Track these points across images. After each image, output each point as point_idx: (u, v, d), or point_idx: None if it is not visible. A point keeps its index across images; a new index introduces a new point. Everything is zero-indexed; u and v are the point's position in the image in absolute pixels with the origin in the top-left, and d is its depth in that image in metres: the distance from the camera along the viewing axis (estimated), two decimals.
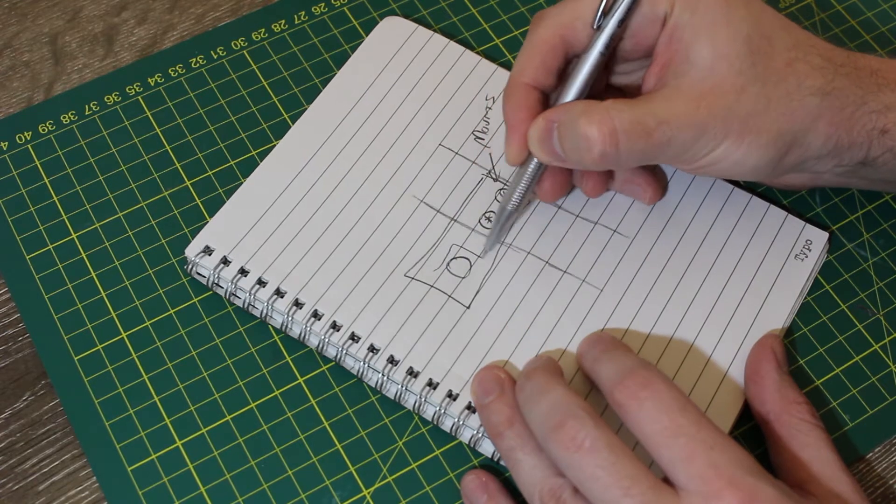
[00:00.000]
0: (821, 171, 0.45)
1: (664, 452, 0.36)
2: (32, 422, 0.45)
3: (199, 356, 0.46)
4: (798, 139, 0.42)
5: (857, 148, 0.43)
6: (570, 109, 0.42)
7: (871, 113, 0.43)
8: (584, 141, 0.41)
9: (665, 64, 0.43)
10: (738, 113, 0.41)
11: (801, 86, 0.42)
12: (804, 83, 0.42)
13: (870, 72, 0.43)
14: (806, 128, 0.42)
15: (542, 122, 0.43)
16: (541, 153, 0.44)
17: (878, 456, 0.45)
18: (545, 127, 0.43)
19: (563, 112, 0.43)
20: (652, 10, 0.43)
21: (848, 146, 0.43)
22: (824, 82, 0.42)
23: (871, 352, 0.47)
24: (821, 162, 0.44)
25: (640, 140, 0.41)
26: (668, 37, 0.43)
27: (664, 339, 0.46)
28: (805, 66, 0.42)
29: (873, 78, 0.43)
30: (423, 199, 0.49)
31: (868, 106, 0.43)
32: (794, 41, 0.43)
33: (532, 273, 0.47)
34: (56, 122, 0.52)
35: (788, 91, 0.42)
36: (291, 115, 0.52)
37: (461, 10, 0.56)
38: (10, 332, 0.47)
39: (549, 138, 0.43)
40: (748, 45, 0.42)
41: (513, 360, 0.45)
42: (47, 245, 0.48)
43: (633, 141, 0.41)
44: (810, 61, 0.42)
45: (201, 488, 0.43)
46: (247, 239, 0.47)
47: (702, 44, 0.42)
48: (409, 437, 0.45)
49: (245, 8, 0.56)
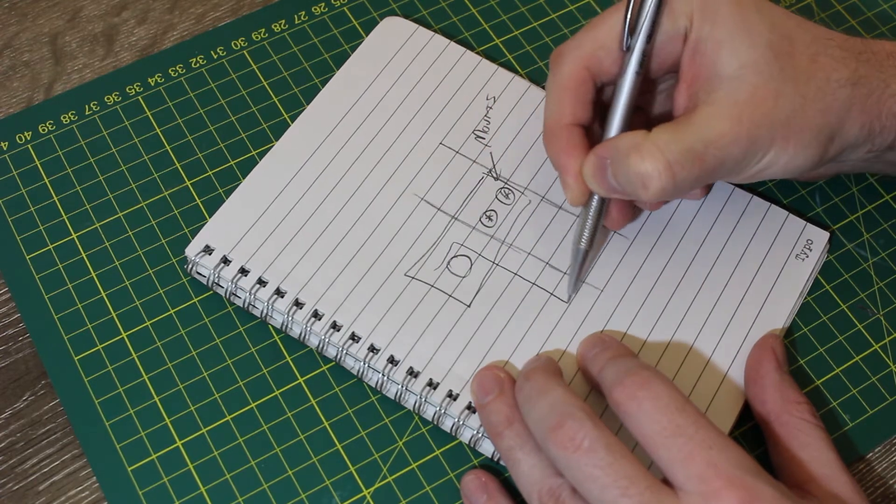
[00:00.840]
0: (852, 159, 0.45)
1: (663, 452, 0.36)
2: (32, 422, 0.45)
3: (199, 356, 0.46)
4: (837, 131, 0.43)
5: (888, 131, 0.44)
6: (618, 146, 0.42)
7: (894, 96, 0.43)
8: (638, 178, 0.41)
9: (693, 80, 0.43)
10: (778, 118, 0.41)
11: (830, 80, 0.42)
12: (832, 76, 0.42)
13: (886, 55, 0.44)
14: (842, 119, 0.42)
15: (593, 160, 0.43)
16: (599, 189, 0.44)
17: (878, 456, 0.45)
18: (598, 164, 0.43)
19: (613, 149, 0.42)
20: (673, 25, 0.43)
21: (879, 130, 0.44)
22: (850, 72, 0.42)
23: (871, 352, 0.47)
24: (856, 150, 0.44)
25: (694, 168, 0.41)
26: (691, 51, 0.43)
27: (664, 339, 0.46)
28: (828, 60, 0.42)
29: (891, 60, 0.44)
30: (423, 198, 0.49)
31: (891, 89, 0.43)
32: (812, 37, 0.43)
33: (532, 273, 0.47)
34: (56, 122, 0.52)
35: (819, 87, 0.42)
36: (291, 115, 0.52)
37: (461, 10, 0.56)
38: (10, 332, 0.47)
39: (603, 175, 0.43)
40: (771, 49, 0.42)
41: (513, 360, 0.45)
42: (47, 245, 0.48)
43: (687, 170, 0.41)
44: (832, 54, 0.43)
45: (201, 488, 0.43)
46: (247, 238, 0.47)
47: (726, 55, 0.42)
48: (409, 437, 0.45)
49: (245, 8, 0.56)
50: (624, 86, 0.44)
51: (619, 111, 0.44)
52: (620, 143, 0.42)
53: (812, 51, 0.42)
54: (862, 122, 0.43)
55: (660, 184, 0.41)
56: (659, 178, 0.41)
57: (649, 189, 0.41)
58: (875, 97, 0.43)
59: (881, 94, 0.43)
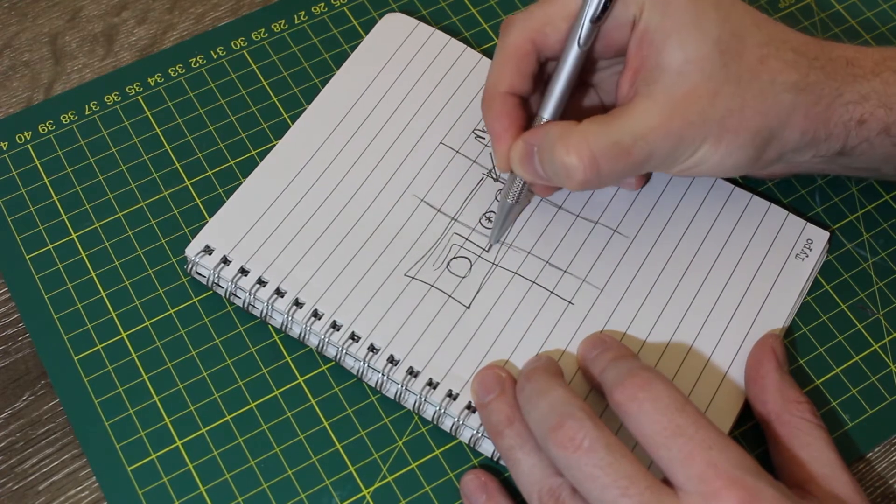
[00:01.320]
0: (799, 161, 0.45)
1: (663, 453, 0.36)
2: (32, 422, 0.45)
3: (199, 356, 0.46)
4: (775, 135, 0.42)
5: (835, 139, 0.43)
6: (547, 134, 0.42)
7: (847, 104, 0.43)
8: (563, 169, 0.41)
9: (637, 69, 0.43)
10: (712, 117, 0.41)
11: (774, 82, 0.42)
12: (777, 79, 0.42)
13: (844, 62, 0.43)
14: (782, 123, 0.42)
15: (521, 146, 0.44)
16: (525, 174, 0.44)
17: (878, 456, 0.45)
18: (525, 150, 0.44)
19: (541, 136, 0.43)
20: (623, 11, 0.43)
21: (825, 138, 0.43)
22: (798, 77, 0.42)
23: (871, 352, 0.47)
24: (799, 153, 0.44)
25: (619, 161, 0.41)
26: (638, 40, 0.43)
27: (664, 339, 0.46)
28: (778, 63, 0.42)
29: (848, 68, 0.43)
30: (423, 199, 0.49)
31: (844, 97, 0.43)
32: (766, 37, 0.43)
33: (532, 273, 0.47)
34: (56, 122, 0.52)
35: (762, 89, 0.42)
36: (291, 115, 0.52)
37: (461, 10, 0.56)
38: (10, 332, 0.47)
39: (530, 161, 0.43)
40: (718, 46, 0.41)
41: (513, 360, 0.45)
42: (47, 245, 0.48)
43: (612, 163, 0.41)
44: (783, 57, 0.42)
45: (201, 488, 0.43)
46: (247, 238, 0.47)
47: (672, 48, 0.41)
48: (408, 436, 0.45)
49: (245, 8, 0.56)
50: (564, 65, 0.44)
51: (556, 92, 0.44)
52: (549, 133, 0.42)
53: (763, 52, 0.42)
54: (804, 128, 0.43)
55: (583, 176, 0.41)
56: (583, 171, 0.41)
57: (573, 180, 0.41)
58: (824, 104, 0.42)
59: (831, 101, 0.43)
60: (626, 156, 0.41)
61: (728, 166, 0.43)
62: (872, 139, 0.44)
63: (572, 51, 0.43)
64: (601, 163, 0.41)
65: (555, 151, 0.42)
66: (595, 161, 0.41)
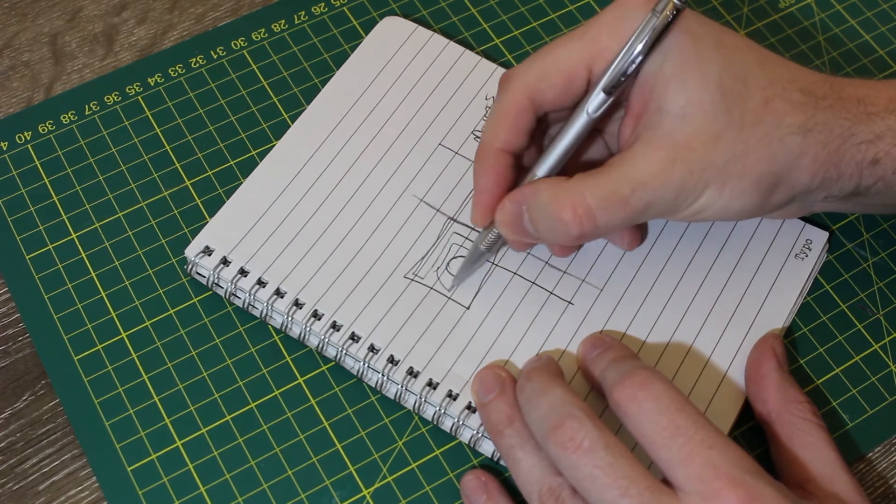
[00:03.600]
0: (812, 202, 0.44)
1: (662, 453, 0.36)
2: (32, 422, 0.45)
3: (199, 356, 0.46)
4: (782, 179, 0.41)
5: (847, 179, 0.42)
6: (538, 192, 0.42)
7: (859, 144, 0.41)
8: (559, 224, 0.41)
9: (638, 115, 0.42)
10: (714, 163, 0.40)
11: (780, 125, 0.41)
12: (783, 122, 0.41)
13: (856, 100, 0.42)
14: (789, 167, 0.41)
15: (509, 207, 0.43)
16: (512, 235, 0.43)
17: (878, 456, 0.45)
18: (514, 211, 0.42)
19: (532, 195, 0.42)
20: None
21: (836, 179, 0.42)
22: (805, 119, 0.41)
23: (871, 352, 0.47)
24: (810, 195, 0.43)
25: (617, 211, 0.40)
26: (639, 86, 0.41)
27: (664, 339, 0.46)
28: (784, 104, 0.41)
29: (860, 107, 0.42)
30: (422, 199, 0.49)
31: (856, 137, 0.41)
32: (771, 78, 0.41)
33: (532, 273, 0.47)
34: (56, 122, 0.52)
35: (767, 132, 0.40)
36: (291, 115, 0.52)
37: (461, 10, 0.56)
38: (10, 332, 0.47)
39: (519, 221, 0.42)
40: (720, 89, 0.40)
41: (513, 360, 0.45)
42: (47, 245, 0.48)
43: (610, 214, 0.40)
44: (789, 98, 0.41)
45: (201, 488, 0.43)
46: (247, 239, 0.47)
47: (673, 92, 0.40)
48: (408, 437, 0.45)
49: (245, 8, 0.56)
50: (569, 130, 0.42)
51: (555, 154, 0.43)
52: (539, 190, 0.41)
53: (768, 94, 0.41)
54: (813, 170, 0.41)
55: (579, 230, 0.40)
56: (579, 225, 0.40)
57: (570, 234, 0.41)
58: (834, 146, 0.41)
59: (842, 142, 0.41)
60: (624, 205, 0.40)
61: (734, 211, 0.42)
62: (888, 178, 0.42)
63: (580, 118, 0.42)
64: (598, 215, 0.40)
65: (549, 208, 0.41)
66: (591, 214, 0.40)
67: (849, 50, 0.55)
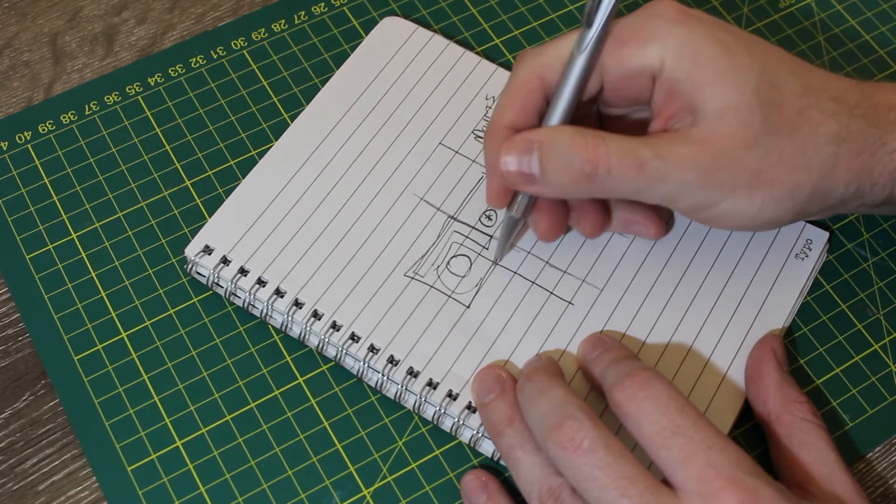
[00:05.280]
0: (843, 210, 0.44)
1: (662, 453, 0.36)
2: (32, 422, 0.45)
3: (199, 356, 0.46)
4: (817, 189, 0.41)
5: (880, 189, 0.42)
6: (558, 129, 0.41)
7: (892, 153, 0.41)
8: (575, 160, 0.40)
9: (669, 117, 0.41)
10: (747, 165, 0.40)
11: (815, 135, 0.40)
12: (818, 132, 0.40)
13: (887, 108, 0.41)
14: (824, 176, 0.41)
15: (520, 142, 0.41)
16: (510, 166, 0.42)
17: (878, 456, 0.45)
18: (524, 147, 0.41)
19: (552, 133, 0.41)
20: (639, 62, 0.41)
21: (870, 188, 0.42)
22: (839, 128, 0.41)
23: (871, 352, 0.47)
24: (843, 205, 0.43)
25: (630, 169, 0.40)
26: (665, 91, 0.41)
27: (664, 339, 0.46)
28: (818, 114, 0.40)
29: (892, 114, 0.41)
30: (422, 197, 0.49)
31: (889, 146, 0.41)
32: (804, 87, 0.41)
33: (532, 273, 0.47)
34: (56, 122, 0.52)
35: (802, 141, 0.40)
36: (291, 114, 0.52)
37: (461, 10, 0.56)
38: (10, 332, 0.47)
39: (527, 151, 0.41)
40: (757, 95, 0.40)
41: (513, 360, 0.45)
42: (47, 245, 0.48)
43: (624, 169, 0.40)
44: (823, 107, 0.41)
45: (201, 488, 0.43)
46: (246, 238, 0.47)
47: (707, 96, 0.40)
48: (409, 436, 0.45)
49: (245, 8, 0.56)
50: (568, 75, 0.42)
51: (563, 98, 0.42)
52: (561, 128, 0.41)
53: (802, 103, 0.40)
54: (847, 180, 0.41)
55: (591, 168, 0.40)
56: (593, 164, 0.39)
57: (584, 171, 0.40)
58: (867, 154, 0.41)
59: (875, 150, 0.41)
60: (640, 167, 0.40)
61: (765, 219, 0.42)
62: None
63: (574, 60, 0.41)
64: (613, 164, 0.40)
65: (568, 144, 0.40)
66: (608, 159, 0.40)
67: (849, 50, 0.55)
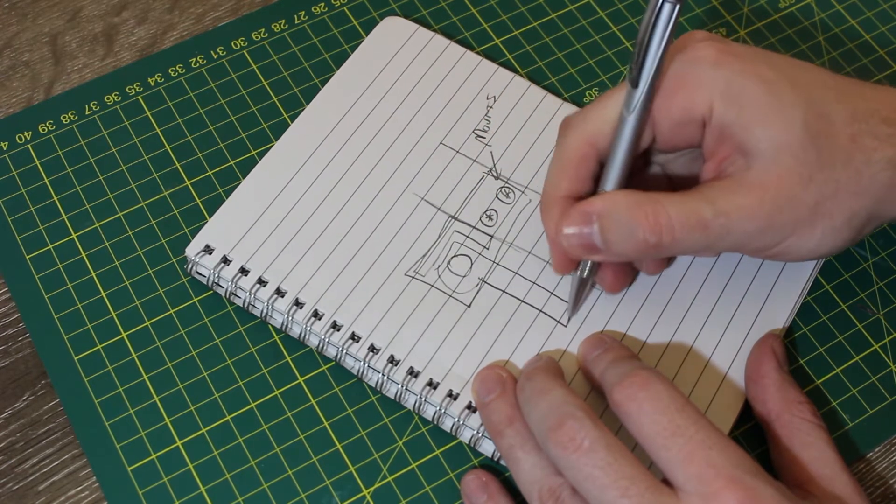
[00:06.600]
0: None
1: (662, 453, 0.36)
2: (32, 422, 0.45)
3: (199, 356, 0.46)
4: (873, 214, 0.41)
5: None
6: (614, 199, 0.41)
7: None
8: (638, 231, 0.40)
9: (720, 161, 0.41)
10: (805, 202, 0.40)
11: (869, 162, 0.40)
12: (872, 158, 0.40)
13: None
14: (880, 201, 0.41)
15: (578, 215, 0.41)
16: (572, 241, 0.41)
17: (878, 456, 0.45)
18: (583, 219, 0.41)
19: (607, 202, 0.41)
20: (688, 110, 0.41)
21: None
22: (893, 152, 0.40)
23: (871, 352, 0.47)
24: None
25: (695, 232, 0.39)
26: (716, 135, 0.41)
27: (664, 339, 0.46)
28: (871, 140, 0.40)
29: None
30: (423, 197, 0.49)
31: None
32: (852, 112, 0.40)
33: (533, 273, 0.47)
34: (56, 122, 0.52)
35: (858, 170, 0.40)
36: (291, 114, 0.52)
37: (461, 10, 0.56)
38: (10, 332, 0.47)
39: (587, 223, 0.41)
40: (806, 130, 0.39)
41: (513, 360, 0.45)
42: (47, 245, 0.48)
43: (688, 232, 0.39)
44: (875, 132, 0.40)
45: (201, 488, 0.43)
46: (247, 238, 0.47)
47: (758, 137, 0.40)
48: (409, 436, 0.45)
49: (245, 8, 0.56)
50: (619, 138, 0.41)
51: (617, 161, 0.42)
52: (617, 196, 0.41)
53: (853, 129, 0.40)
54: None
55: (657, 238, 0.40)
56: (658, 233, 0.39)
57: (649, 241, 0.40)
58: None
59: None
60: (704, 228, 0.39)
61: (825, 250, 0.41)
62: None
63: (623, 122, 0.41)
64: (676, 229, 0.39)
65: (627, 214, 0.40)
66: (671, 225, 0.39)
67: (849, 50, 0.55)
